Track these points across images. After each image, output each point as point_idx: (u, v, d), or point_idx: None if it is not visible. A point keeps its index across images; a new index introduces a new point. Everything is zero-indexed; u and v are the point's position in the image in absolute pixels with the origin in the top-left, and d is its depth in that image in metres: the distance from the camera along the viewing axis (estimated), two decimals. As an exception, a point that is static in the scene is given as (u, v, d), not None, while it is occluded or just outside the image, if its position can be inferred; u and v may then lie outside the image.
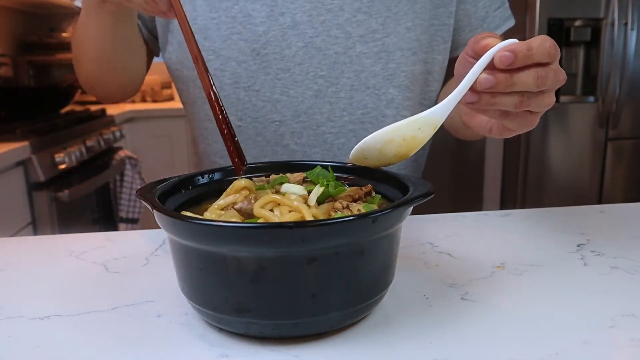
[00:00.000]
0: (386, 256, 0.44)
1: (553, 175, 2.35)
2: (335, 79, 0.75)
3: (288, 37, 0.74)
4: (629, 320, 0.45)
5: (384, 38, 0.75)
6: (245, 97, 0.76)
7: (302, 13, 0.73)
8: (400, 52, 0.76)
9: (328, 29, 0.74)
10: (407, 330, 0.44)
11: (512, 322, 0.45)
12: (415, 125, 0.49)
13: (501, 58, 0.45)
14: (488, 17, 0.81)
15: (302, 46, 0.74)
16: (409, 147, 0.50)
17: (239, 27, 0.73)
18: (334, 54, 0.74)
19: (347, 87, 0.76)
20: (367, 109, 0.77)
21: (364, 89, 0.76)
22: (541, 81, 0.46)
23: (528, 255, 0.59)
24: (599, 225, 0.70)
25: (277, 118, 0.76)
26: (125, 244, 0.66)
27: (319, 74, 0.75)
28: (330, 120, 0.76)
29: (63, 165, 1.76)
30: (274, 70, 0.75)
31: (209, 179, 0.55)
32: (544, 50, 0.46)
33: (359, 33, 0.74)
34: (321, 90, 0.75)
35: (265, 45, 0.74)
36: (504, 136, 0.56)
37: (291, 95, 0.75)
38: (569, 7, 2.21)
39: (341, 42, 0.74)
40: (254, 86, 0.75)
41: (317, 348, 0.41)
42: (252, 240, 0.38)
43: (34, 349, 0.42)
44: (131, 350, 0.42)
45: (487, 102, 0.48)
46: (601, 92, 2.26)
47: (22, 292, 0.54)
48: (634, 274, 0.54)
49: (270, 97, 0.76)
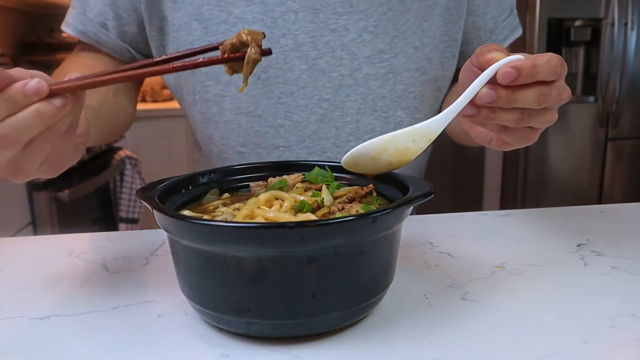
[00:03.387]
0: (386, 256, 0.44)
1: (553, 175, 2.35)
2: (340, 102, 0.72)
3: (290, 59, 0.70)
4: (629, 320, 0.45)
5: (391, 59, 0.71)
6: (247, 122, 0.73)
7: (305, 34, 0.69)
8: (408, 72, 0.73)
9: (332, 50, 0.70)
10: (407, 330, 0.44)
11: (512, 322, 0.45)
12: (410, 137, 0.48)
13: (504, 74, 0.44)
14: (497, 28, 0.78)
15: (305, 69, 0.70)
16: (401, 158, 0.49)
17: None
18: (339, 77, 0.71)
19: (353, 110, 0.72)
20: (375, 133, 0.73)
21: (370, 112, 0.73)
22: (543, 99, 0.46)
23: (528, 255, 0.59)
24: (599, 225, 0.70)
25: (281, 144, 0.73)
26: (125, 244, 0.66)
27: (324, 97, 0.72)
28: (336, 146, 0.73)
29: (63, 165, 1.76)
30: (277, 95, 0.71)
31: (208, 179, 0.55)
32: (549, 69, 0.45)
33: (365, 54, 0.71)
34: (326, 114, 0.72)
35: (266, 69, 0.70)
36: (503, 149, 0.55)
37: (295, 120, 0.72)
38: (569, 7, 2.21)
39: (346, 64, 0.71)
40: (256, 111, 0.72)
41: (317, 348, 0.41)
42: (252, 240, 0.38)
43: (34, 349, 0.42)
44: (131, 350, 0.42)
45: (486, 117, 0.47)
46: (601, 92, 2.26)
47: (22, 292, 0.53)
48: (634, 274, 0.54)
49: (273, 122, 0.72)
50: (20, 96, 0.40)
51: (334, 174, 0.54)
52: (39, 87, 0.40)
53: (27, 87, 0.40)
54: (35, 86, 0.40)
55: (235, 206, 0.49)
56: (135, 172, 2.30)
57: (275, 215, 0.44)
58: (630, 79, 2.25)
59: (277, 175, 0.56)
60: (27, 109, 0.40)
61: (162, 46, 0.74)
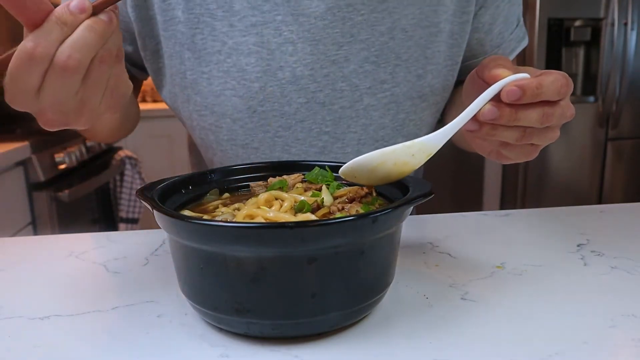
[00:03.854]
0: (386, 256, 0.44)
1: (553, 175, 2.35)
2: (341, 134, 0.70)
3: (288, 93, 0.67)
4: (629, 320, 0.45)
5: (392, 88, 0.69)
6: (243, 154, 0.71)
7: (303, 67, 0.66)
8: (410, 101, 0.70)
9: (332, 82, 0.67)
10: (407, 330, 0.44)
11: (512, 322, 0.45)
12: (410, 151, 0.48)
13: (508, 93, 0.43)
14: (504, 43, 0.75)
15: (303, 102, 0.68)
16: (399, 172, 0.49)
17: (233, 83, 0.67)
18: (340, 109, 0.69)
19: (353, 141, 0.70)
20: None
21: (371, 142, 0.71)
22: (546, 119, 0.45)
23: (528, 255, 0.59)
24: (599, 225, 0.70)
25: None
26: (125, 244, 0.66)
27: (324, 130, 0.69)
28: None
29: (63, 165, 1.76)
30: (274, 128, 0.69)
31: (209, 179, 0.55)
32: (554, 90, 0.44)
33: (367, 84, 0.68)
34: (326, 146, 0.70)
35: (262, 102, 0.67)
36: (502, 162, 0.55)
37: (293, 153, 0.70)
38: (569, 7, 2.21)
39: (347, 96, 0.68)
40: (252, 144, 0.70)
41: (317, 348, 0.41)
42: (252, 240, 0.38)
43: (34, 349, 0.42)
44: (131, 350, 0.42)
45: (487, 133, 0.47)
46: (601, 92, 2.26)
47: (22, 292, 0.54)
48: (634, 274, 0.54)
49: (270, 155, 0.70)
50: (68, 16, 0.40)
51: (333, 174, 0.54)
52: (82, 4, 0.40)
53: (72, 5, 0.40)
54: (79, 3, 0.40)
55: (235, 206, 0.49)
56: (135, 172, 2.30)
57: (275, 215, 0.45)
58: (630, 79, 2.25)
59: (277, 175, 0.56)
60: (80, 27, 0.40)
61: (158, 69, 0.72)
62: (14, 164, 1.58)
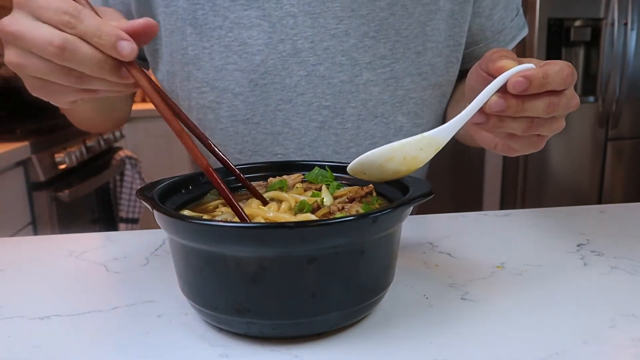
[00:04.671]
0: (386, 256, 0.44)
1: (553, 175, 2.35)
2: (340, 109, 0.70)
3: (289, 65, 0.68)
4: (629, 320, 0.45)
5: (392, 64, 0.70)
6: (244, 130, 0.71)
7: (304, 40, 0.67)
8: (409, 77, 0.71)
9: (332, 56, 0.68)
10: (407, 330, 0.44)
11: (512, 322, 0.45)
12: (418, 146, 0.48)
13: (515, 84, 0.43)
14: (504, 29, 0.76)
15: (304, 75, 0.69)
16: (408, 167, 0.48)
17: (234, 57, 0.68)
18: (339, 83, 0.69)
19: (353, 117, 0.71)
20: (375, 138, 0.72)
21: (371, 118, 0.71)
22: (552, 109, 0.45)
23: (528, 255, 0.59)
24: (599, 225, 0.70)
25: (279, 151, 0.72)
26: (125, 244, 0.66)
27: (323, 104, 0.70)
28: (336, 153, 0.72)
29: (63, 165, 1.76)
30: (275, 102, 0.69)
31: (209, 179, 0.55)
32: (560, 79, 0.45)
33: (366, 59, 0.69)
34: (326, 121, 0.71)
35: (264, 76, 0.68)
36: (509, 155, 0.55)
37: (294, 127, 0.70)
38: (569, 7, 2.21)
39: (347, 70, 0.69)
40: (253, 119, 0.70)
41: (317, 348, 0.41)
42: (252, 240, 0.38)
43: (34, 349, 0.42)
44: (131, 350, 0.42)
45: (494, 125, 0.47)
46: (601, 92, 2.26)
47: (22, 292, 0.54)
48: (634, 274, 0.54)
49: (271, 129, 0.71)
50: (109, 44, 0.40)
51: (334, 174, 0.54)
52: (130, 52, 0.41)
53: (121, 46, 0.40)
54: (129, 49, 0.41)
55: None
56: (135, 172, 2.30)
57: (275, 215, 0.45)
58: (630, 79, 2.25)
59: (277, 175, 0.56)
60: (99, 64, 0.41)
61: (155, 50, 0.72)
62: (14, 164, 1.58)
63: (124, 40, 0.41)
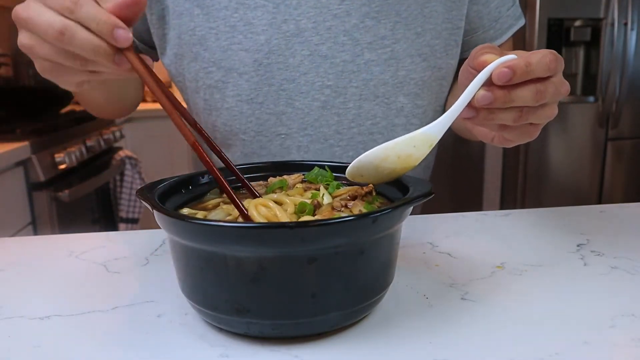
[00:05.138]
0: (386, 256, 0.44)
1: (553, 175, 2.35)
2: (342, 88, 0.72)
3: (292, 45, 0.70)
4: (629, 320, 0.45)
5: (393, 44, 0.71)
6: (248, 110, 0.73)
7: (307, 19, 0.69)
8: (410, 58, 0.72)
9: (334, 35, 0.70)
10: (407, 330, 0.44)
11: (512, 322, 0.45)
12: (411, 143, 0.48)
13: (499, 75, 0.44)
14: (501, 17, 0.78)
15: (307, 55, 0.70)
16: (404, 165, 0.49)
17: (240, 37, 0.70)
18: (341, 62, 0.71)
19: (355, 96, 0.72)
20: (377, 119, 0.74)
21: (372, 98, 0.73)
22: (540, 96, 0.46)
23: (528, 255, 0.59)
24: (599, 225, 0.70)
25: (282, 131, 0.73)
26: (125, 244, 0.66)
27: (326, 83, 0.71)
28: (338, 133, 0.73)
29: (63, 165, 1.76)
30: (278, 81, 0.71)
31: (209, 179, 0.55)
32: (543, 66, 0.45)
33: (367, 40, 0.70)
34: (328, 101, 0.72)
35: (268, 55, 0.70)
36: (505, 146, 0.56)
37: (297, 107, 0.72)
38: (569, 7, 2.21)
39: (348, 50, 0.71)
40: (257, 98, 0.72)
41: (317, 348, 0.41)
42: (252, 240, 0.38)
43: (34, 349, 0.42)
44: (131, 350, 0.42)
45: (485, 118, 0.48)
46: (601, 92, 2.26)
47: (22, 292, 0.54)
48: (634, 274, 0.54)
49: (274, 109, 0.72)
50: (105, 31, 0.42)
51: (333, 174, 0.54)
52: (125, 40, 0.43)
53: (117, 34, 0.42)
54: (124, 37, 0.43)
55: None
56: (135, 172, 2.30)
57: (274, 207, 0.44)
58: (630, 79, 2.25)
59: (277, 175, 0.56)
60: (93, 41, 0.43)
61: (163, 35, 0.75)
62: (14, 164, 1.58)
63: (120, 28, 0.43)
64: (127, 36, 0.43)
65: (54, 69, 0.47)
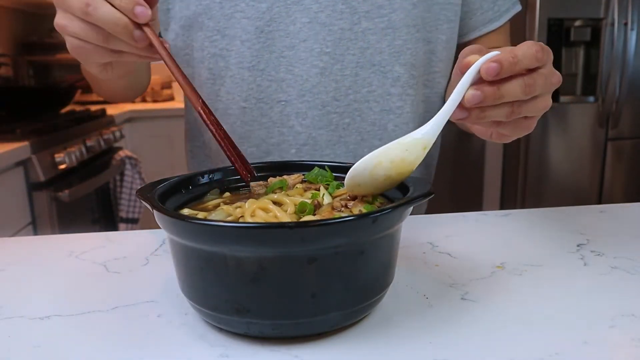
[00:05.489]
0: (386, 256, 0.44)
1: (553, 175, 2.35)
2: (340, 55, 0.74)
3: (292, 12, 0.73)
4: (629, 320, 0.45)
5: (390, 14, 0.73)
6: (249, 77, 0.75)
7: None
8: (406, 28, 0.74)
9: (333, 3, 0.72)
10: (407, 330, 0.44)
11: (512, 322, 0.45)
12: (402, 147, 0.47)
13: (487, 70, 0.44)
14: (498, 0, 0.80)
15: (306, 22, 0.73)
16: (398, 171, 0.48)
17: (242, 5, 0.73)
18: (339, 30, 0.73)
19: (352, 64, 0.74)
20: (373, 87, 0.75)
21: (369, 67, 0.75)
22: (530, 89, 0.46)
23: (528, 255, 0.59)
24: (599, 225, 0.70)
25: (282, 98, 0.75)
26: (125, 244, 0.66)
27: (324, 50, 0.73)
28: (335, 100, 0.75)
29: (63, 165, 1.76)
30: (279, 48, 0.74)
31: (209, 179, 0.55)
32: (530, 56, 0.45)
33: (365, 8, 0.73)
34: (326, 67, 0.74)
35: (269, 23, 0.73)
36: (504, 141, 0.56)
37: (296, 74, 0.74)
38: (569, 7, 2.21)
39: (346, 18, 0.73)
40: (258, 65, 0.74)
41: (317, 348, 0.41)
42: (252, 240, 0.38)
43: (34, 349, 0.42)
44: (131, 350, 0.42)
45: (477, 117, 0.48)
46: (601, 92, 2.26)
47: (22, 292, 0.54)
48: (634, 274, 0.54)
49: (275, 76, 0.75)
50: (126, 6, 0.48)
51: (333, 174, 0.54)
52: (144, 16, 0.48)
53: (137, 10, 0.48)
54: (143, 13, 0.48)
55: (237, 204, 0.49)
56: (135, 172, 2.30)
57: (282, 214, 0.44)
58: (630, 79, 2.25)
59: (278, 175, 0.56)
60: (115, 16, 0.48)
61: (167, 10, 0.77)
62: (14, 164, 1.58)
63: (140, 6, 0.48)
64: (147, 13, 0.48)
65: (81, 46, 0.52)
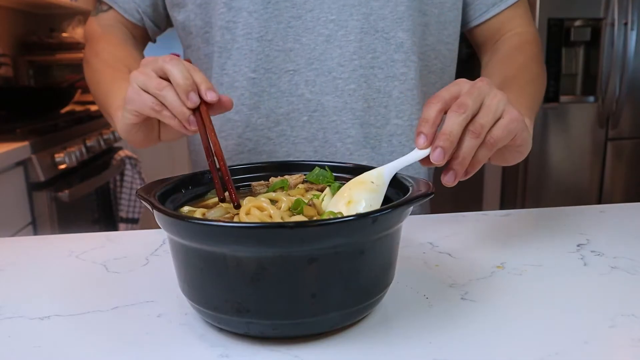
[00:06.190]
0: (386, 256, 0.44)
1: (553, 175, 2.35)
2: (344, 21, 0.75)
3: None
4: (629, 320, 0.45)
5: None
6: (258, 47, 0.76)
7: None
8: None
9: None
10: (407, 330, 0.44)
11: (512, 322, 0.45)
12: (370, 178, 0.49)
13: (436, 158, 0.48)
14: None
15: None
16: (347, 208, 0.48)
17: None
18: None
19: (356, 30, 0.75)
20: (377, 53, 0.76)
21: (373, 32, 0.75)
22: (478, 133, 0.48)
23: (528, 255, 0.59)
24: (599, 225, 0.70)
25: (290, 67, 0.76)
26: (125, 244, 0.66)
27: (329, 18, 0.74)
28: (340, 65, 0.76)
29: (63, 165, 1.76)
30: (286, 19, 0.75)
31: (209, 179, 0.55)
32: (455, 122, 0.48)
33: None
34: (331, 34, 0.75)
35: None
36: (504, 165, 0.59)
37: (303, 43, 0.75)
38: (569, 7, 2.21)
39: None
40: (266, 36, 0.75)
41: (317, 348, 0.41)
42: (252, 240, 0.38)
43: (34, 349, 0.42)
44: (131, 350, 0.42)
45: (460, 165, 0.50)
46: (601, 92, 2.26)
47: (22, 292, 0.54)
48: (634, 274, 0.54)
49: (283, 46, 0.75)
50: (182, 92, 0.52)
51: (333, 174, 0.54)
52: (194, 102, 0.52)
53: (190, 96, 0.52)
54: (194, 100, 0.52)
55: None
56: (135, 172, 2.30)
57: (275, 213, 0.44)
58: (630, 79, 2.25)
59: (279, 175, 0.56)
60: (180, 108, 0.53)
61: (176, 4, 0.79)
62: (14, 164, 1.57)
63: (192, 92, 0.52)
64: (196, 99, 0.52)
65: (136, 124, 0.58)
